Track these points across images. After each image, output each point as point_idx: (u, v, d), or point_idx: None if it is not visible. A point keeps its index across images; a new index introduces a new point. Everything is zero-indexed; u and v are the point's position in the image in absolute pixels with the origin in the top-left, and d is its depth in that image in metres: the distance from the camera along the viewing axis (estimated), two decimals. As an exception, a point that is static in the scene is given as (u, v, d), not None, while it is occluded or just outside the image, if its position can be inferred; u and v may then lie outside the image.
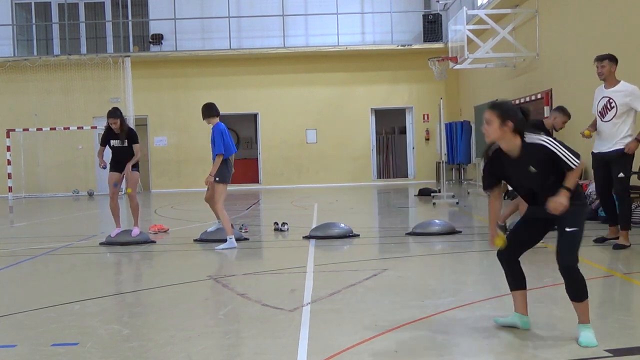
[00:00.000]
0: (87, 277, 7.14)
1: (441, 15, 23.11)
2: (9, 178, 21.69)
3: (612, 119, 7.44)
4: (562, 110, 8.30)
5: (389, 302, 5.19)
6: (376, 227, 11.17)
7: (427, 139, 23.88)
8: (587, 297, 4.21)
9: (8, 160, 21.68)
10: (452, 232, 9.10)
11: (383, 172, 25.72)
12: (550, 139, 4.14)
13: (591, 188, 10.74)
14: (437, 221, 9.51)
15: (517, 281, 4.51)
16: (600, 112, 7.61)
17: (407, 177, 24.49)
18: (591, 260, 6.83)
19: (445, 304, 5.01)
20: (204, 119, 8.96)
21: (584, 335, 4.05)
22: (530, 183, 4.27)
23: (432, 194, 15.66)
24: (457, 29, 17.18)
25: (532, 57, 15.30)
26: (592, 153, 7.88)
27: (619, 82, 7.58)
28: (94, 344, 4.29)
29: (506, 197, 14.69)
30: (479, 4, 19.23)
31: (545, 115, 14.11)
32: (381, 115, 24.61)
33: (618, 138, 7.43)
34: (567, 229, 4.14)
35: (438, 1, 22.16)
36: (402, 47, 22.97)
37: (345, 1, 23.57)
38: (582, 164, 4.10)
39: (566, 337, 4.11)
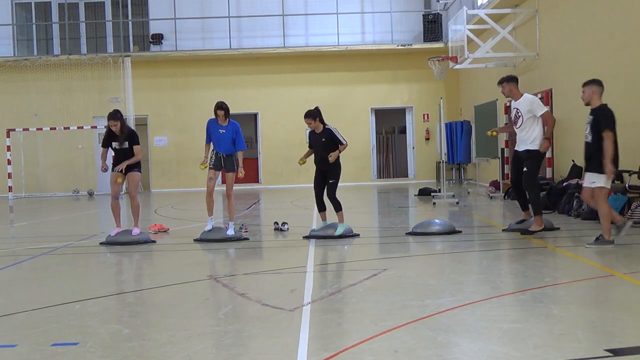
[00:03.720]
0: (87, 276, 7.14)
1: (441, 15, 23.11)
2: (9, 178, 21.69)
3: (521, 125, 8.84)
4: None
5: (389, 302, 5.19)
6: (376, 227, 11.17)
7: (427, 139, 23.88)
8: (341, 209, 9.17)
9: (8, 160, 21.69)
10: (452, 232, 9.09)
11: (383, 171, 25.72)
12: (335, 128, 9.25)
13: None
14: (437, 221, 9.50)
15: (322, 206, 9.36)
16: (513, 120, 9.06)
17: (407, 176, 24.49)
18: (591, 260, 6.84)
19: (445, 304, 5.01)
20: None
21: (339, 227, 9.05)
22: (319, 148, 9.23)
23: (432, 194, 15.65)
24: (457, 29, 17.17)
25: (532, 57, 15.30)
26: (514, 150, 9.32)
27: (522, 95, 8.99)
28: (93, 344, 4.29)
29: (506, 197, 14.70)
30: (479, 4, 19.22)
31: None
32: (381, 115, 24.61)
33: (529, 141, 8.77)
34: (330, 180, 9.13)
35: (438, 1, 22.15)
36: (402, 47, 22.97)
37: (345, 1, 23.57)
38: (346, 145, 9.14)
39: (566, 337, 4.12)
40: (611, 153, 7.29)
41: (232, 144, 9.35)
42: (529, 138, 8.79)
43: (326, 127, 9.33)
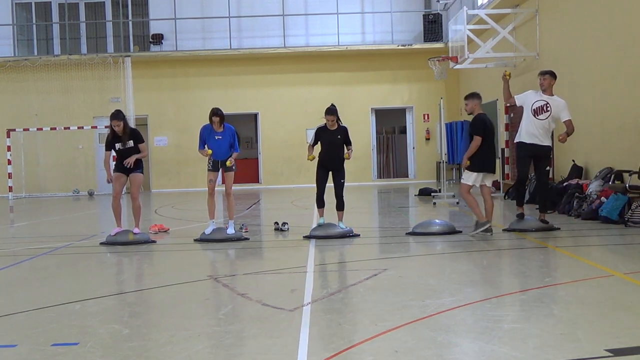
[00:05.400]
0: (87, 277, 7.14)
1: (441, 15, 23.10)
2: (9, 178, 21.69)
3: (546, 119, 9.01)
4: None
5: (389, 302, 5.19)
6: (376, 227, 11.18)
7: (427, 139, 23.88)
8: (344, 209, 9.28)
9: (8, 160, 21.69)
10: (452, 232, 9.08)
11: (383, 172, 25.71)
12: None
13: (591, 188, 10.73)
14: (437, 221, 9.49)
15: (322, 202, 9.29)
16: (535, 110, 9.07)
17: (407, 177, 24.49)
18: (591, 260, 6.84)
19: (445, 304, 5.01)
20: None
21: (341, 224, 9.13)
22: (335, 145, 9.18)
23: (432, 194, 15.65)
24: (457, 29, 17.17)
25: (532, 57, 15.30)
26: (523, 143, 9.13)
27: (553, 94, 9.21)
28: (94, 344, 4.29)
29: (506, 197, 14.70)
30: (479, 4, 19.22)
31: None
32: (381, 115, 24.61)
33: (549, 136, 9.11)
34: (342, 180, 9.25)
35: (438, 1, 22.14)
36: (402, 47, 22.97)
37: (345, 1, 23.56)
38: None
39: (566, 337, 4.12)
40: (472, 151, 8.77)
41: (229, 148, 9.33)
42: (548, 134, 9.10)
43: (341, 125, 9.30)
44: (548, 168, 9.26)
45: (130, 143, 9.28)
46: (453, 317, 4.68)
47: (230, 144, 9.32)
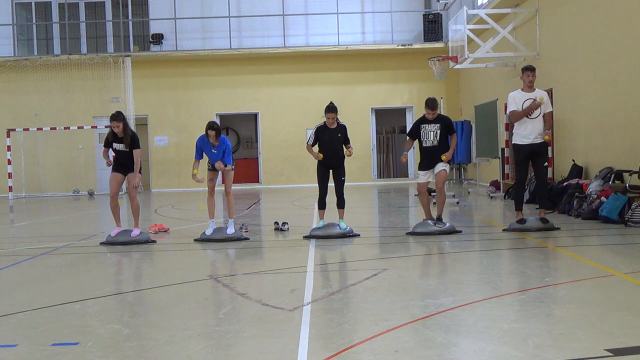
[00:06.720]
0: (87, 276, 7.14)
1: (441, 14, 23.11)
2: (9, 178, 21.70)
3: (538, 116, 9.01)
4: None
5: (389, 302, 5.19)
6: (376, 227, 11.18)
7: (428, 139, 23.84)
8: (344, 207, 9.35)
9: (8, 160, 21.69)
10: (452, 232, 9.09)
11: (383, 171, 25.73)
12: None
13: (591, 188, 10.73)
14: (437, 221, 9.49)
15: (324, 204, 9.34)
16: (527, 111, 9.00)
17: (407, 176, 24.48)
18: (591, 260, 6.84)
19: (445, 304, 5.01)
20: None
21: (342, 224, 9.19)
22: (335, 144, 9.22)
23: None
24: (457, 29, 17.17)
25: (532, 57, 15.30)
26: (519, 145, 9.14)
27: (535, 88, 9.22)
28: (94, 344, 4.29)
29: (506, 197, 14.70)
30: (479, 4, 19.22)
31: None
32: (381, 114, 24.61)
33: (541, 132, 9.04)
34: (342, 177, 9.29)
35: (438, 1, 22.16)
36: (402, 47, 22.97)
37: (346, 1, 23.57)
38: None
39: (566, 337, 4.12)
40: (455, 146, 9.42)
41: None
42: (541, 129, 9.04)
43: (340, 123, 9.32)
44: (546, 164, 9.30)
45: (128, 146, 9.28)
46: (453, 317, 4.68)
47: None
